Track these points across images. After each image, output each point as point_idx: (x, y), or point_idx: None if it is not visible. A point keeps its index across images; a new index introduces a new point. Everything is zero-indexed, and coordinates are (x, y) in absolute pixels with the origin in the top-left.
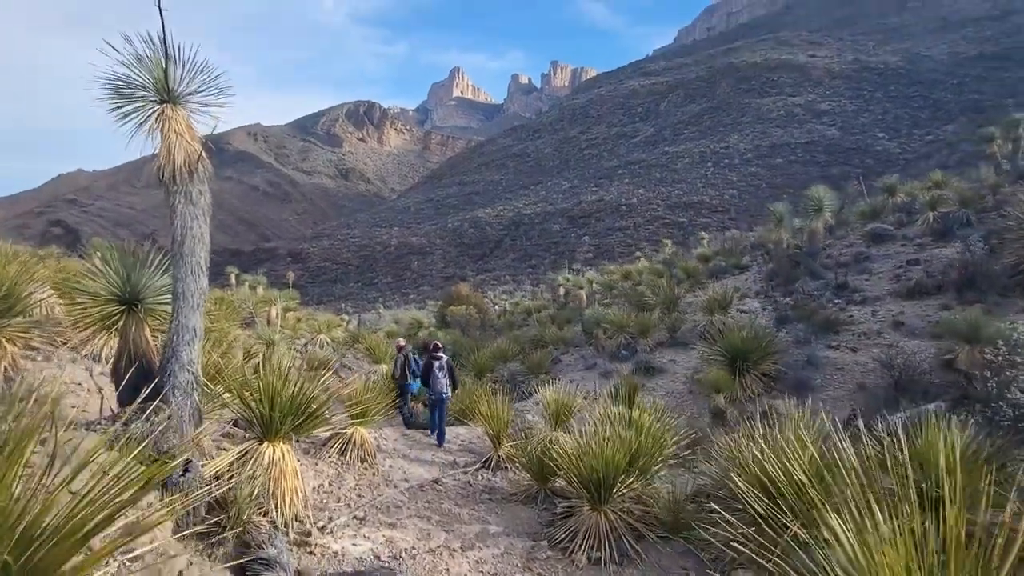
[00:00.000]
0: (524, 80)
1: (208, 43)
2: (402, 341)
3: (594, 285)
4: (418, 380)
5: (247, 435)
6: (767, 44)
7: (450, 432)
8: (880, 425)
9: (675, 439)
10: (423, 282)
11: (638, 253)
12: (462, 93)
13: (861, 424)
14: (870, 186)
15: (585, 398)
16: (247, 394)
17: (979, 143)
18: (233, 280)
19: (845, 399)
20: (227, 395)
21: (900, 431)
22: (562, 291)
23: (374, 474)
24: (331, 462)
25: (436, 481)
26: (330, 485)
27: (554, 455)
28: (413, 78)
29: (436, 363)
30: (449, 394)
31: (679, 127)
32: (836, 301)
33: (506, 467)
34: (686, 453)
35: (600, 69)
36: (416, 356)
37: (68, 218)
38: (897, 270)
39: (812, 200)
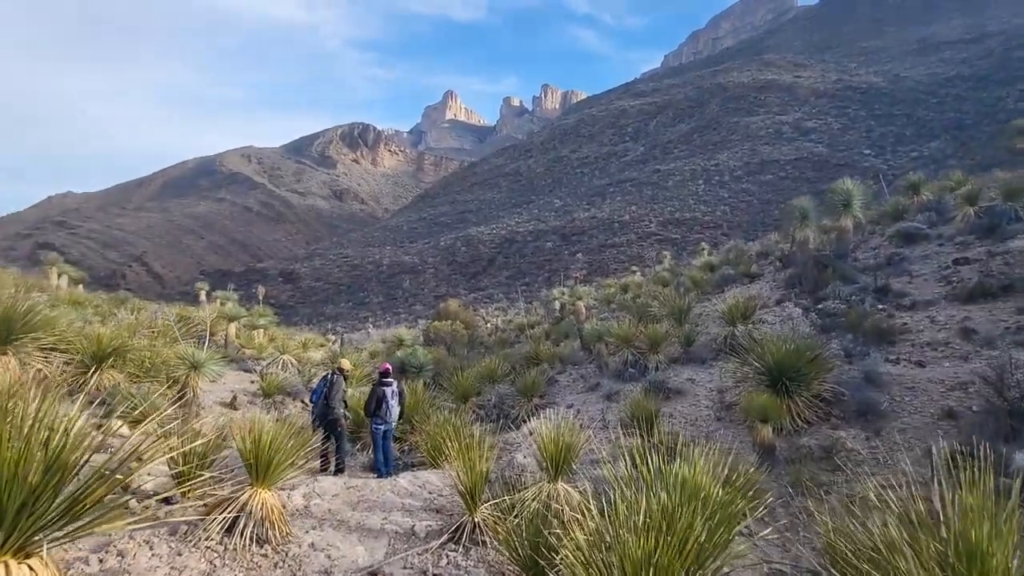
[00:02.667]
0: (516, 103)
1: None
2: (346, 362)
3: (591, 299)
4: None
5: None
6: (754, 65)
7: (417, 479)
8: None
9: (749, 508)
10: (415, 301)
11: (634, 268)
12: (455, 115)
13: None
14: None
15: (588, 427)
16: None
17: (1011, 137)
18: (203, 296)
19: (931, 429)
20: None
21: None
22: (557, 305)
23: (277, 565)
24: (208, 548)
25: (374, 575)
26: None
27: (556, 544)
28: (407, 101)
29: (387, 389)
30: (396, 423)
31: (669, 146)
32: (880, 307)
33: (484, 541)
34: (766, 533)
35: (590, 92)
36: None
37: (56, 240)
38: (943, 271)
39: (838, 194)
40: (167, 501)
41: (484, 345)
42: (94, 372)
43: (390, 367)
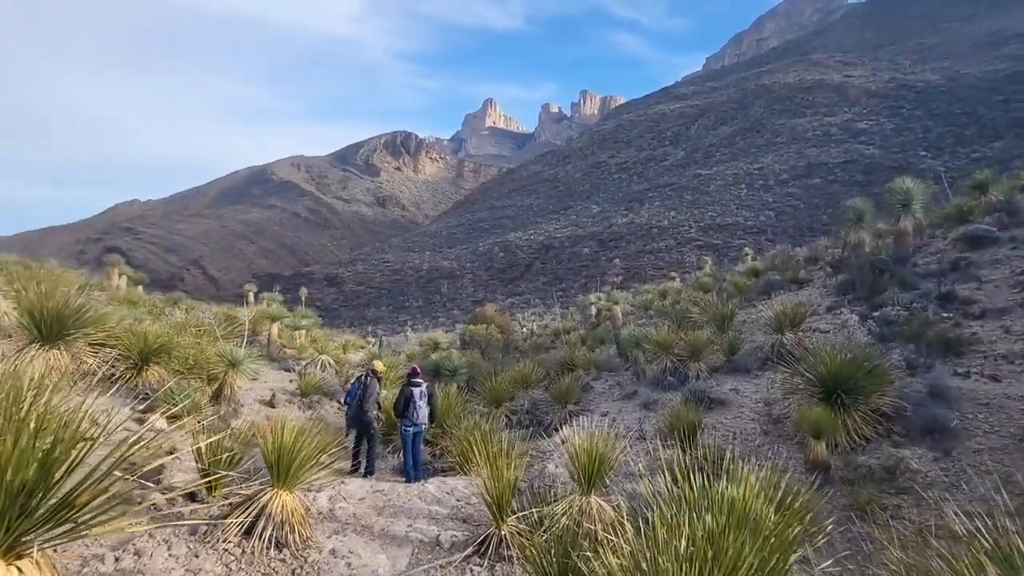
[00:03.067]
0: (554, 109)
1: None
2: (379, 364)
3: (627, 304)
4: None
5: None
6: (800, 66)
7: (445, 485)
8: None
9: (807, 534)
10: (453, 305)
11: (672, 274)
12: (495, 123)
13: None
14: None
15: (624, 437)
16: None
17: None
18: (251, 298)
19: (1011, 451)
20: None
21: None
22: (594, 310)
23: (294, 572)
24: (226, 551)
25: None
26: None
27: (586, 569)
28: (448, 109)
29: (416, 390)
30: (427, 425)
31: (711, 149)
32: (945, 315)
33: (511, 556)
34: (826, 565)
35: (629, 97)
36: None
37: (122, 245)
38: (1018, 276)
39: (897, 194)
40: (192, 498)
41: (519, 350)
42: (140, 368)
43: (418, 368)
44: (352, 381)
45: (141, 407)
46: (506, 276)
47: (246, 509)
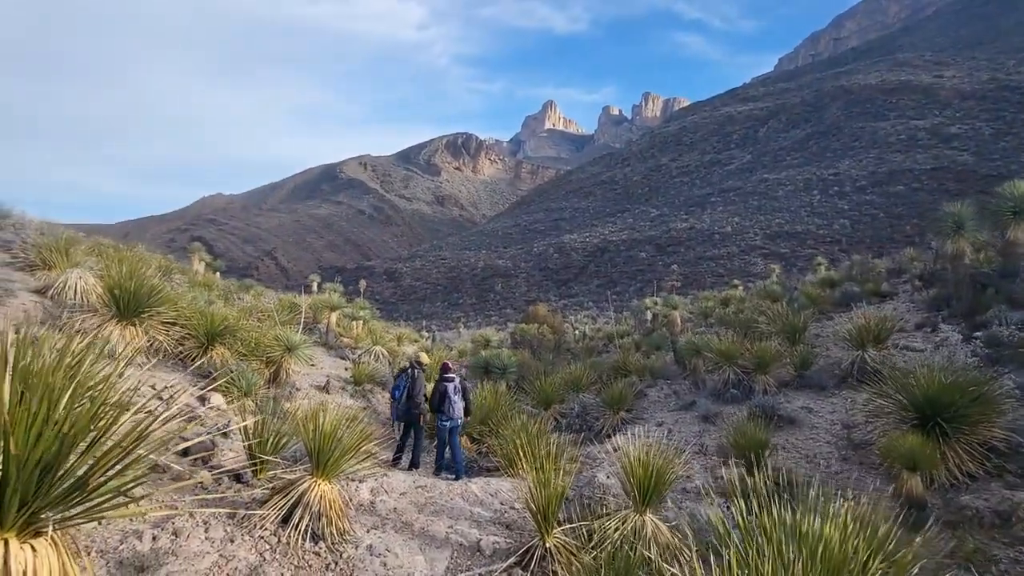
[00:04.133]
0: (615, 111)
1: (334, 89)
2: (424, 356)
3: (686, 310)
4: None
5: None
6: (883, 65)
7: (489, 487)
8: None
9: None
10: (506, 304)
11: (736, 282)
12: (554, 125)
13: None
14: None
15: (682, 450)
16: None
17: None
18: (315, 287)
19: None
20: None
21: None
22: (649, 315)
23: (328, 567)
24: (261, 538)
25: None
26: None
27: None
28: (508, 112)
29: (449, 385)
30: (463, 420)
31: (780, 153)
32: None
33: (555, 572)
34: None
35: (694, 100)
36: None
37: (207, 235)
38: None
39: (1005, 199)
40: (238, 479)
41: (570, 352)
42: (206, 348)
43: (450, 363)
44: (398, 374)
45: (201, 385)
46: (560, 277)
47: (284, 496)
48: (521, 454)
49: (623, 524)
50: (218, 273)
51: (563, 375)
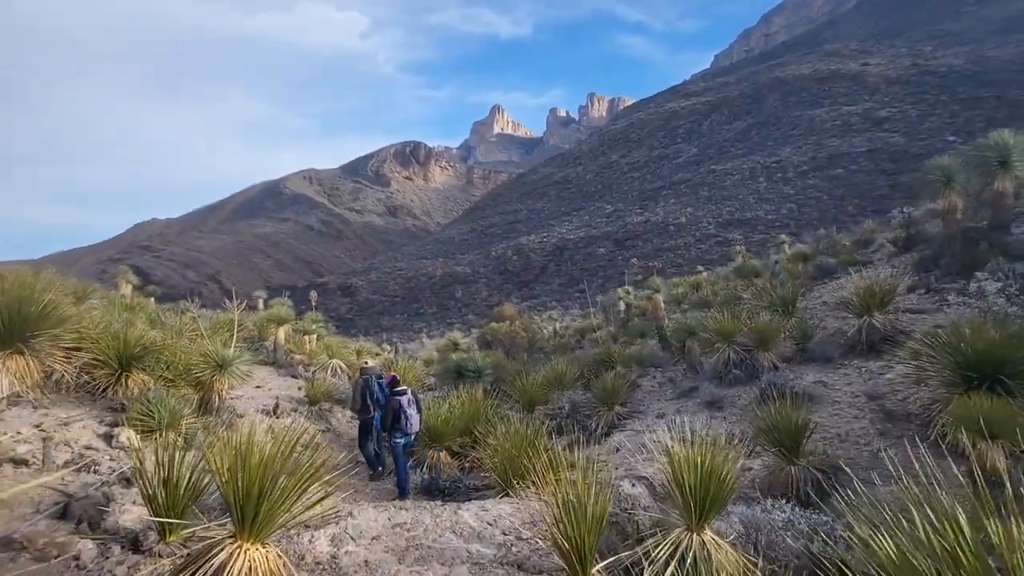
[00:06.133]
0: (562, 113)
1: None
2: (370, 361)
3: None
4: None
5: None
6: (814, 57)
7: (486, 513)
8: None
9: None
10: (468, 311)
11: (699, 267)
12: (502, 129)
13: None
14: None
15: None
16: None
17: None
18: (261, 304)
19: None
20: None
21: None
22: (623, 306)
23: None
24: None
25: None
26: None
27: None
28: (456, 118)
29: (402, 398)
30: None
31: (725, 145)
32: None
33: None
34: None
35: (637, 98)
36: (380, 381)
37: (142, 263)
38: None
39: (990, 150)
40: (136, 547)
41: (543, 351)
42: (119, 375)
43: (397, 376)
44: (359, 385)
45: (108, 420)
46: (520, 279)
47: (193, 573)
48: (539, 470)
49: (675, 549)
50: (152, 298)
51: (544, 373)
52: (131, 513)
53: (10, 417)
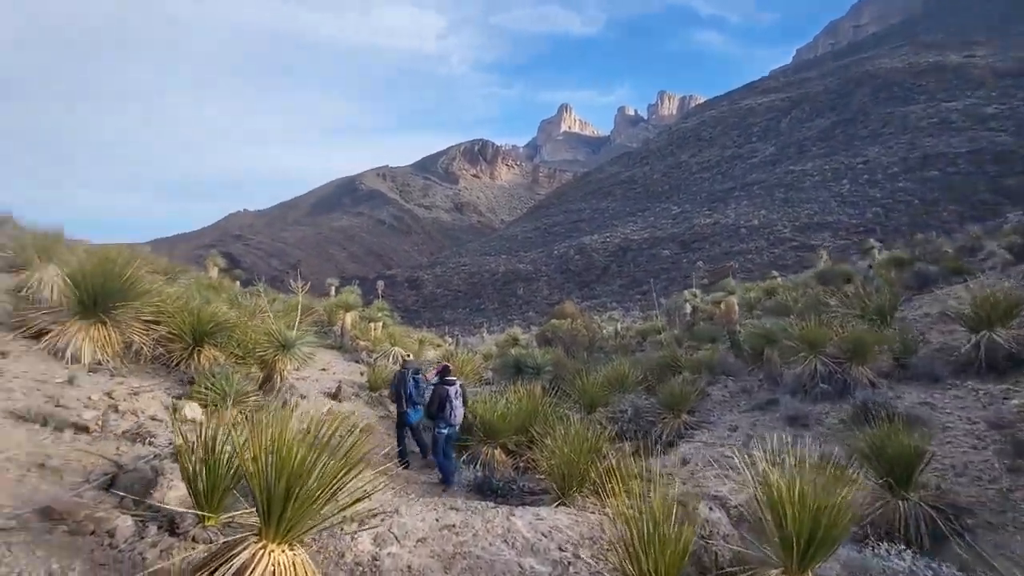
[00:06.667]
0: (630, 112)
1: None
2: (410, 356)
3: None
4: (418, 408)
5: None
6: (909, 49)
7: (541, 522)
8: None
9: None
10: (528, 308)
11: (773, 272)
12: (569, 128)
13: None
14: None
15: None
16: None
17: None
18: (333, 291)
19: None
20: None
21: None
22: (688, 308)
23: None
24: None
25: None
26: None
27: None
28: (524, 116)
29: (450, 388)
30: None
31: (805, 144)
32: None
33: None
34: None
35: (709, 96)
36: (416, 376)
37: (234, 251)
38: None
39: None
40: (172, 530)
41: (603, 350)
42: (192, 349)
43: (449, 365)
44: (401, 377)
45: (175, 393)
46: (582, 279)
47: (215, 571)
48: (599, 476)
49: None
50: (237, 282)
51: (605, 373)
52: (178, 490)
53: (86, 383)
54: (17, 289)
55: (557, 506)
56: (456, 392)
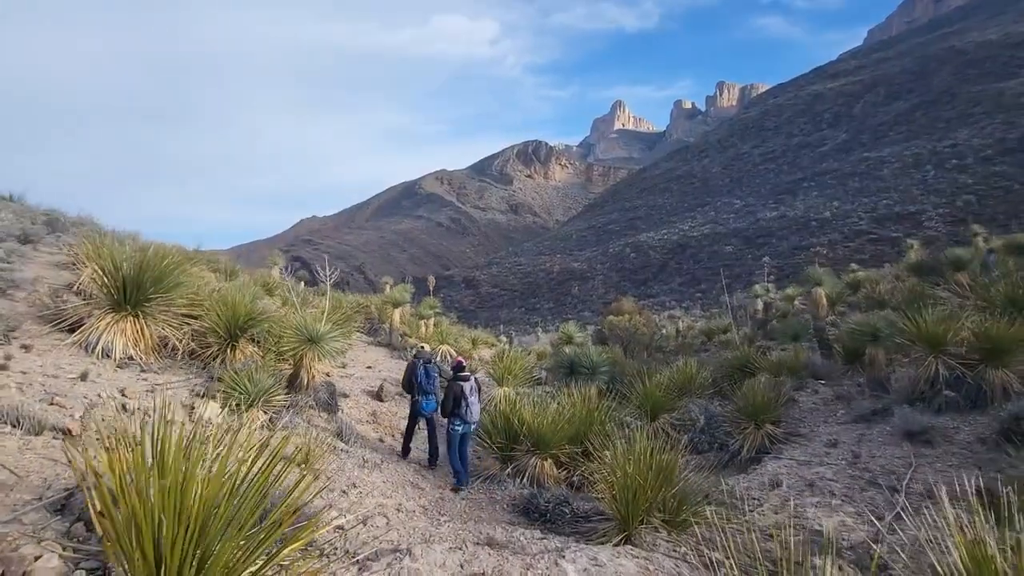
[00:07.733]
0: (687, 105)
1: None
2: (426, 347)
3: (797, 301)
4: (431, 399)
5: None
6: (1005, 19)
7: (601, 569)
8: None
9: None
10: (583, 307)
11: (853, 266)
12: (623, 125)
13: None
14: None
15: (892, 487)
16: None
17: None
18: (387, 289)
19: None
20: None
21: None
22: (760, 304)
23: None
24: None
25: None
26: None
27: None
28: (579, 116)
29: (465, 384)
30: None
31: (881, 129)
32: None
33: None
34: None
35: (773, 84)
36: (429, 366)
37: (304, 254)
38: None
39: None
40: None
41: (663, 351)
42: (226, 345)
43: (464, 361)
44: (413, 367)
45: (194, 389)
46: (638, 277)
47: None
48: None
49: None
50: (302, 282)
51: (669, 375)
52: None
53: (105, 380)
54: (69, 285)
55: (619, 544)
56: (472, 388)
